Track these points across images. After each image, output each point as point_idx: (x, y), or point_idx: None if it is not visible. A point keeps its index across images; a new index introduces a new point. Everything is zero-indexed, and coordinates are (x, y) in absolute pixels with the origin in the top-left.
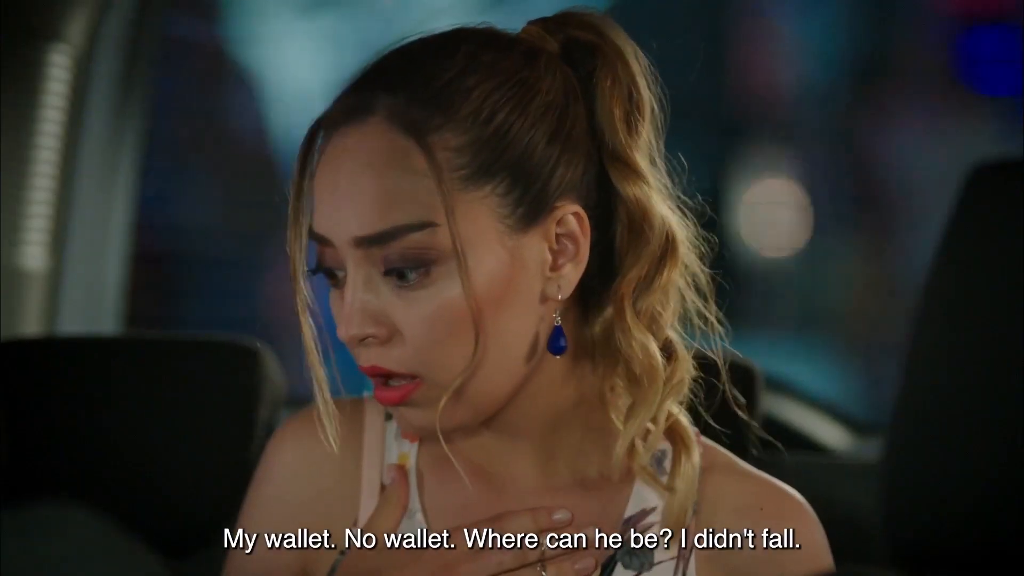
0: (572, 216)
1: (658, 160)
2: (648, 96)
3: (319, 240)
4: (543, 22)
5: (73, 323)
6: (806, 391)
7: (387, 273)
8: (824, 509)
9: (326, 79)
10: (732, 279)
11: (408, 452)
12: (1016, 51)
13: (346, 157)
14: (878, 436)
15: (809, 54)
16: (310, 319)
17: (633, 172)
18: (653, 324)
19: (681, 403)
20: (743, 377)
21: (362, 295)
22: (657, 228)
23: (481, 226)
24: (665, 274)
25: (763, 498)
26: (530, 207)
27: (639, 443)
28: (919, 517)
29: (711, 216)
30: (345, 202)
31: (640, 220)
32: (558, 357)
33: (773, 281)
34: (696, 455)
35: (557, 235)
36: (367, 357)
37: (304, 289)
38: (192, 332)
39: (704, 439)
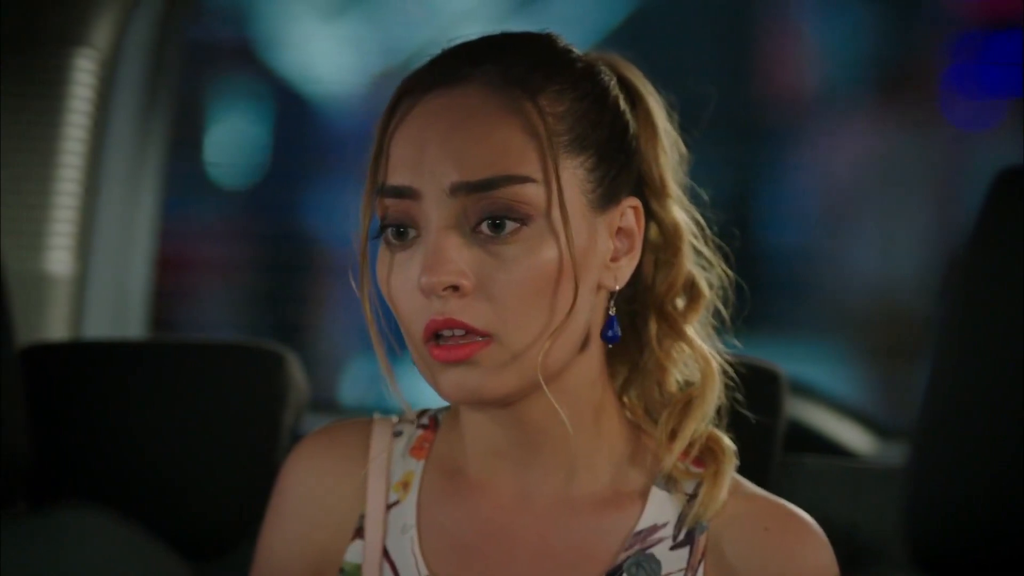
0: (632, 210)
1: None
2: (672, 133)
3: (399, 193)
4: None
5: (99, 327)
6: (830, 395)
7: (479, 224)
8: (847, 513)
9: (351, 82)
10: (756, 283)
11: (413, 470)
12: None
13: (442, 113)
14: (902, 440)
15: (832, 59)
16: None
17: (667, 196)
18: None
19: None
20: (768, 381)
21: (453, 243)
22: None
23: (572, 195)
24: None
25: (769, 519)
26: (607, 191)
27: (668, 450)
28: (942, 521)
29: (736, 219)
30: (443, 152)
31: (673, 236)
32: (588, 357)
33: (797, 283)
34: (732, 469)
35: (618, 228)
36: (442, 309)
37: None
38: (217, 336)
39: None
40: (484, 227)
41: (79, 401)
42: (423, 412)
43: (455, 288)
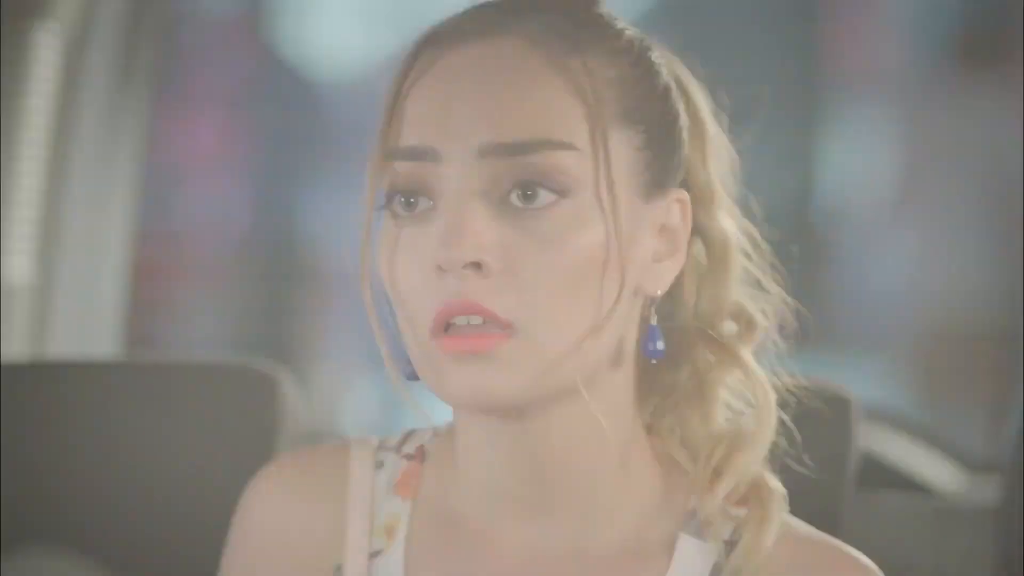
0: (678, 205)
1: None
2: (721, 135)
3: (415, 154)
4: None
5: (65, 344)
6: (910, 422)
7: (509, 193)
8: (931, 558)
9: (361, 64)
10: (819, 292)
11: (399, 513)
12: None
13: (472, 67)
14: (995, 475)
15: (906, 32)
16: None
17: (714, 203)
18: None
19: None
20: (837, 407)
21: (479, 214)
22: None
23: (618, 172)
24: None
25: (818, 567)
26: (654, 177)
27: (710, 492)
28: None
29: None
30: (472, 109)
31: (722, 246)
32: (621, 376)
33: (868, 291)
34: (781, 515)
35: (662, 224)
36: (460, 289)
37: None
38: (202, 354)
39: None
40: (514, 197)
41: (42, 429)
42: (407, 436)
43: (477, 266)
